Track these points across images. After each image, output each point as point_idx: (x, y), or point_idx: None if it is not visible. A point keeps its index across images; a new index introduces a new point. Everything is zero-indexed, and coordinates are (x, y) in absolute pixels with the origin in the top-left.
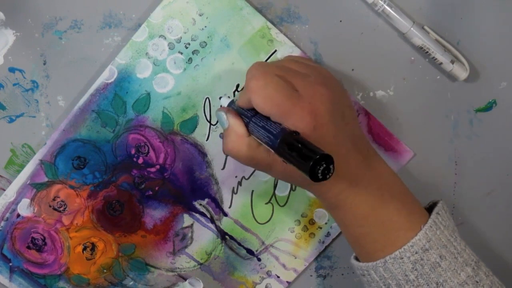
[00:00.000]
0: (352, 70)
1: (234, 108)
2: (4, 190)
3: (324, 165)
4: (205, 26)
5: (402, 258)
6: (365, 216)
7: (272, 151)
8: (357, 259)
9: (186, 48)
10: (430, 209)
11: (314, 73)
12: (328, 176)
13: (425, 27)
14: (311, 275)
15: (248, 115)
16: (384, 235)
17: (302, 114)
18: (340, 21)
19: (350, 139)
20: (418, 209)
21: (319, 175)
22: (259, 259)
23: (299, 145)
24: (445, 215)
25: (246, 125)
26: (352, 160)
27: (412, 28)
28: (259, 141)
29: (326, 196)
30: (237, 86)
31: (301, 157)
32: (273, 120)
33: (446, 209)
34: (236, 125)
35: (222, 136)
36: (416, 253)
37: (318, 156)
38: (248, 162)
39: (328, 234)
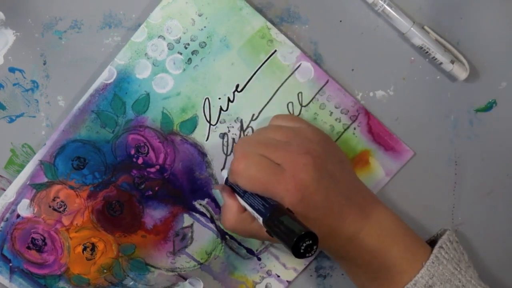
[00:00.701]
0: (352, 70)
1: (229, 184)
2: (4, 190)
3: (308, 242)
4: (205, 27)
5: None
6: (368, 264)
7: None
8: None
9: (186, 48)
10: (438, 237)
11: (296, 140)
12: (312, 253)
13: (425, 27)
14: (311, 275)
15: (241, 191)
16: (389, 279)
17: (287, 188)
18: (340, 21)
19: (344, 195)
20: (421, 246)
21: (303, 252)
22: (259, 259)
23: (283, 224)
24: (450, 246)
25: (240, 200)
26: (348, 215)
27: (412, 28)
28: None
29: (328, 251)
30: (237, 86)
31: (285, 237)
32: (261, 196)
33: (453, 239)
34: (230, 203)
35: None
36: None
37: (299, 236)
38: (245, 235)
39: None
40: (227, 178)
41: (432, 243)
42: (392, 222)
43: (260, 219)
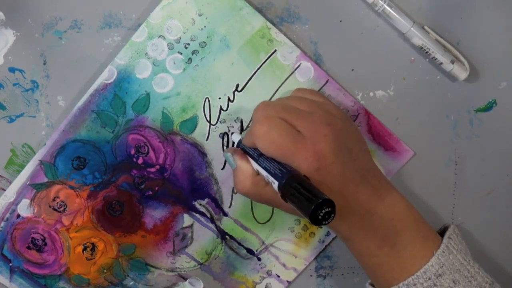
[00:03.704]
0: (352, 70)
1: (241, 147)
2: (4, 190)
3: (325, 210)
4: (205, 26)
5: (416, 285)
6: (379, 247)
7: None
8: (372, 285)
9: (186, 48)
10: (441, 233)
11: (319, 111)
12: (328, 221)
13: (425, 27)
14: (311, 275)
15: (255, 154)
16: (399, 264)
17: (306, 156)
18: (340, 21)
19: (359, 173)
20: (432, 235)
21: (320, 219)
22: (259, 259)
23: (302, 189)
24: (456, 239)
25: (254, 164)
26: (362, 194)
27: (412, 28)
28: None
29: (339, 229)
30: (237, 86)
31: (303, 202)
32: (278, 161)
33: (458, 232)
34: (243, 166)
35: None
36: (429, 279)
37: (317, 203)
38: (258, 200)
39: (328, 233)
40: (239, 142)
41: None
42: (405, 208)
43: (276, 184)
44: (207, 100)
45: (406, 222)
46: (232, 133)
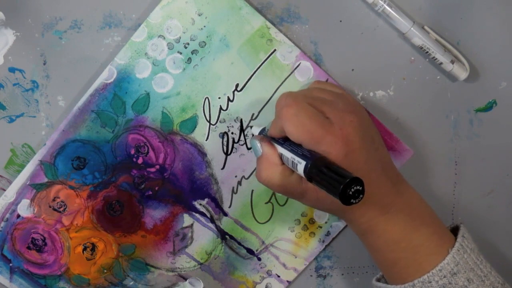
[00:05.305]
0: (352, 70)
1: (266, 137)
2: (4, 190)
3: (355, 188)
4: (204, 26)
5: (431, 282)
6: (396, 242)
7: (304, 178)
8: (378, 280)
9: (185, 48)
10: (452, 232)
11: (341, 100)
12: (358, 200)
13: (425, 27)
14: (311, 275)
15: (280, 140)
16: (415, 261)
17: (334, 140)
18: (340, 21)
19: (380, 164)
20: (445, 232)
21: (350, 198)
22: (259, 259)
23: (329, 169)
24: (470, 238)
25: (279, 149)
26: (383, 185)
27: (412, 28)
28: (292, 169)
29: (358, 222)
30: (237, 85)
31: (332, 181)
32: (305, 147)
33: (468, 232)
34: (270, 153)
35: (256, 163)
36: (445, 277)
37: (348, 180)
38: (281, 190)
39: (328, 233)
40: (261, 130)
41: None
42: (421, 204)
43: (302, 164)
44: (206, 99)
45: (423, 218)
46: (251, 127)
